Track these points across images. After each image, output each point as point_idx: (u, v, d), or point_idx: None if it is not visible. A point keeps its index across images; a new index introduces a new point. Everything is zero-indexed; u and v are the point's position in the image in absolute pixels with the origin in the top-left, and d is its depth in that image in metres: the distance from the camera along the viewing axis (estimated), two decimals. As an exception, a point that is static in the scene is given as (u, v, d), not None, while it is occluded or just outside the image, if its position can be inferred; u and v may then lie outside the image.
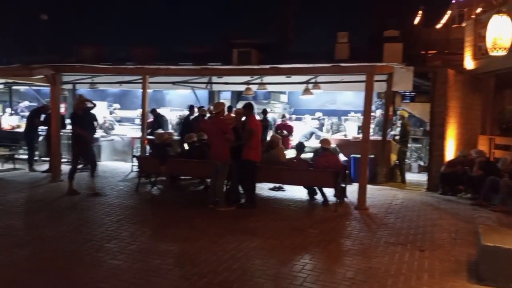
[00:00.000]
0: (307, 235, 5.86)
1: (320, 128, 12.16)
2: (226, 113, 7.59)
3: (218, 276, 4.32)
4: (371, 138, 8.41)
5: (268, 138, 9.65)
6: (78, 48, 14.68)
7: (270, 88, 12.65)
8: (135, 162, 9.81)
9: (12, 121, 13.19)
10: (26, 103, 15.45)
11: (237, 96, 14.72)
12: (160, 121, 12.04)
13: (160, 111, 12.85)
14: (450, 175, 8.92)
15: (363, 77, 7.92)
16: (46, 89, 13.40)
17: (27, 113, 12.48)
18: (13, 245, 5.10)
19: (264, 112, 11.48)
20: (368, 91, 7.62)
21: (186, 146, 9.25)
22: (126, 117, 14.67)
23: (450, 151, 9.71)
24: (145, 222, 6.45)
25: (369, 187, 8.15)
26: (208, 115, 10.64)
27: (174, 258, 4.84)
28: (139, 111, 12.87)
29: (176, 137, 10.87)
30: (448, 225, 6.62)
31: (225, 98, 14.96)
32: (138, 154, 9.83)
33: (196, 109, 11.21)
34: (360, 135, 9.55)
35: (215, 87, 13.82)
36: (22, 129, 11.51)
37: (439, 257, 5.08)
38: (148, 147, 9.76)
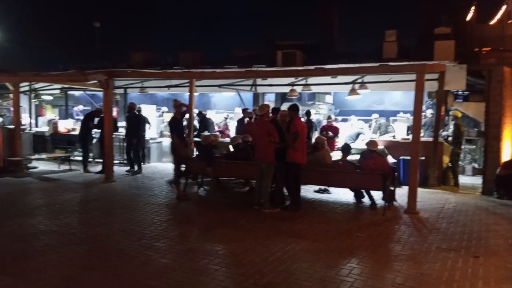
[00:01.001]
0: (354, 239, 5.74)
1: (378, 130, 11.85)
2: (270, 115, 7.59)
3: (264, 277, 4.33)
4: (422, 139, 8.12)
5: (313, 139, 9.56)
6: (129, 54, 15.30)
7: (315, 89, 12.53)
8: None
9: (68, 125, 13.92)
10: (81, 107, 16.26)
11: (281, 97, 14.71)
12: (206, 123, 12.28)
13: (206, 113, 13.12)
14: (507, 177, 8.44)
15: (412, 76, 7.66)
16: (99, 93, 14.11)
17: (81, 117, 13.15)
18: (70, 242, 5.37)
19: (308, 113, 11.42)
20: (419, 91, 7.37)
21: (231, 148, 9.36)
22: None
23: (506, 153, 9.17)
24: (192, 222, 6.58)
25: (420, 190, 7.87)
26: (246, 118, 10.74)
27: (220, 258, 4.90)
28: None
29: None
30: (504, 231, 6.26)
31: (269, 100, 15.01)
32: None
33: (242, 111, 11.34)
34: (410, 136, 9.24)
35: (260, 89, 13.90)
36: (77, 132, 12.11)
37: (494, 264, 4.82)
38: (194, 149, 9.96)
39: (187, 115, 9.30)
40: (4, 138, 10.37)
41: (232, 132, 12.24)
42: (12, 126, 11.07)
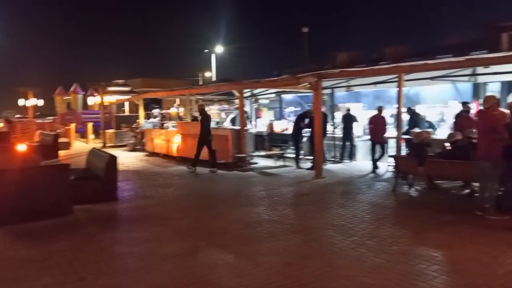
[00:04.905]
0: None
1: None
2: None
3: (494, 292, 3.84)
4: None
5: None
6: (334, 55, 15.77)
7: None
8: (391, 162, 9.77)
9: (282, 125, 15.26)
10: (292, 108, 17.59)
11: (508, 87, 12.63)
12: (416, 119, 11.61)
13: (415, 108, 12.36)
14: None
15: None
16: (307, 95, 14.98)
17: (293, 118, 14.25)
18: (288, 232, 5.89)
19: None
20: None
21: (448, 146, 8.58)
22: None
23: None
24: (404, 223, 6.33)
25: None
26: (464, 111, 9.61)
27: (439, 264, 4.57)
28: (391, 110, 12.78)
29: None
30: None
31: (492, 91, 13.06)
32: (393, 153, 9.76)
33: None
34: None
35: (480, 79, 12.25)
36: (289, 132, 13.17)
37: None
38: (405, 147, 9.56)
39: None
40: (233, 137, 12.10)
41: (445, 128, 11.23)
42: (239, 127, 12.82)
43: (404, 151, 9.83)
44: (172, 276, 4.34)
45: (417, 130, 9.69)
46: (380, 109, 11.17)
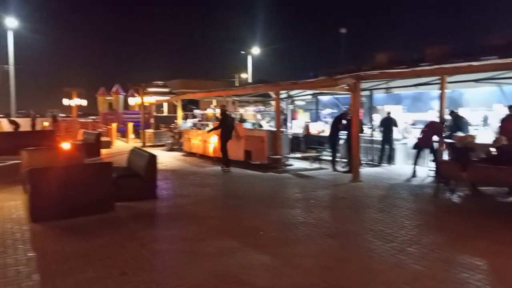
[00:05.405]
0: None
1: None
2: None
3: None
4: None
5: None
6: (372, 55, 15.44)
7: None
8: (432, 167, 9.49)
9: (318, 127, 15.12)
10: (328, 110, 17.40)
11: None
12: (459, 123, 11.20)
13: (457, 111, 11.93)
14: None
15: None
16: (344, 96, 14.78)
17: (329, 119, 14.08)
18: (325, 235, 5.83)
19: None
20: None
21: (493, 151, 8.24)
22: (419, 120, 14.35)
23: None
24: (447, 230, 6.11)
25: None
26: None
27: (483, 274, 4.38)
28: (431, 112, 12.42)
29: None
30: None
31: (542, 94, 12.41)
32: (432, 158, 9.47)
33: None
34: None
35: (529, 81, 11.67)
36: (326, 134, 13.03)
37: None
38: (446, 151, 9.25)
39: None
40: (269, 139, 12.12)
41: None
42: (275, 129, 12.84)
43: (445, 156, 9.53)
44: (209, 274, 4.40)
45: (460, 134, 9.35)
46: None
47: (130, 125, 23.40)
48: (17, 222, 6.44)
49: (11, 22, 28.82)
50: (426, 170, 10.33)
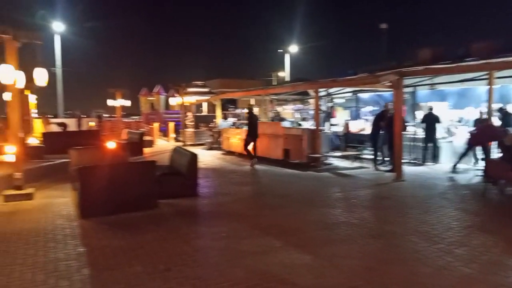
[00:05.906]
0: None
1: None
2: None
3: None
4: None
5: None
6: (414, 51, 14.95)
7: None
8: (479, 165, 9.09)
9: (359, 125, 14.86)
10: (370, 108, 17.04)
11: None
12: (508, 119, 10.70)
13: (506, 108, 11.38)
14: None
15: None
16: (385, 94, 14.43)
17: (369, 117, 13.79)
18: (367, 235, 5.73)
19: None
20: None
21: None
22: (465, 118, 13.78)
23: None
24: (496, 232, 5.85)
25: None
26: None
27: (538, 279, 4.18)
28: (477, 109, 11.90)
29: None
30: None
31: None
32: (482, 156, 9.08)
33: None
34: None
35: None
36: (366, 132, 12.78)
37: None
38: (496, 150, 8.85)
39: None
40: (308, 137, 12.04)
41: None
42: (314, 127, 12.74)
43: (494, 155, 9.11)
44: (251, 273, 4.43)
45: (510, 131, 8.91)
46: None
47: (171, 125, 23.94)
48: (67, 218, 6.75)
49: (58, 27, 30.13)
50: (472, 168, 9.92)
